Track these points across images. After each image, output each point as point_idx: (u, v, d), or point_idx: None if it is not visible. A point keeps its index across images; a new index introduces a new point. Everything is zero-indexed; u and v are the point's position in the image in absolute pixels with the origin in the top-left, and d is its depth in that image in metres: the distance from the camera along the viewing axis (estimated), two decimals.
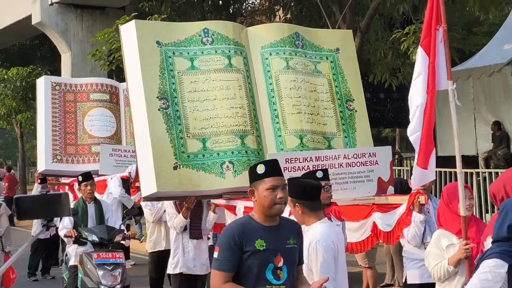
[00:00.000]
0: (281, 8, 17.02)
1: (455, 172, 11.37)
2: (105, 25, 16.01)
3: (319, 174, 4.98)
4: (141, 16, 12.50)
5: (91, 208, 7.30)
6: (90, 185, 7.33)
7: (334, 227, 4.30)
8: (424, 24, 4.56)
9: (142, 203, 7.35)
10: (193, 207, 6.27)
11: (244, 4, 19.56)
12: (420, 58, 4.51)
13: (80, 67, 18.17)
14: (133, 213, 7.61)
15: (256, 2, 19.88)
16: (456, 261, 4.00)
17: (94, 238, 6.82)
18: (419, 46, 4.52)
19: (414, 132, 4.58)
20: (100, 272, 6.56)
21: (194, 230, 6.36)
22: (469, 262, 3.94)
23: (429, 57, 4.43)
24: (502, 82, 14.02)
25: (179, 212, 6.25)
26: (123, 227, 7.37)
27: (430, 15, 4.47)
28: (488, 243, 3.42)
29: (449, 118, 15.46)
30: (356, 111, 6.54)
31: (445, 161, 13.56)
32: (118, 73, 14.05)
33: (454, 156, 13.87)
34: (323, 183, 4.90)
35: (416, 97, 4.53)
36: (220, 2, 17.82)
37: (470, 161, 13.61)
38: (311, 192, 3.97)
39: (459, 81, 14.89)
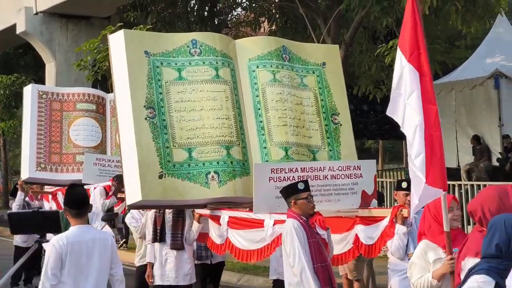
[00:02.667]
0: (266, 20, 17.14)
1: None
2: (90, 35, 16.01)
3: (301, 186, 5.04)
4: (126, 26, 12.53)
5: None
6: None
7: (87, 232, 4.34)
8: (407, 34, 4.28)
9: (127, 220, 7.38)
10: (173, 218, 6.33)
11: (229, 15, 19.68)
12: (410, 73, 4.20)
13: (64, 76, 18.10)
14: (111, 218, 7.58)
15: (241, 14, 20.00)
16: (440, 275, 3.99)
17: None
18: (407, 62, 4.22)
19: (418, 154, 4.19)
20: None
21: (174, 241, 6.39)
22: (453, 277, 3.95)
23: (419, 72, 4.17)
24: (484, 96, 14.23)
25: (156, 226, 6.35)
26: None
27: (413, 29, 4.25)
28: (466, 264, 3.47)
29: None
30: (341, 124, 6.64)
31: None
32: (103, 82, 14.05)
33: None
34: (306, 194, 5.00)
35: (413, 116, 4.19)
36: (206, 13, 17.91)
37: (452, 174, 13.74)
38: (73, 201, 4.33)
39: (441, 93, 15.08)
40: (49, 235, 4.44)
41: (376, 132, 20.71)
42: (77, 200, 4.36)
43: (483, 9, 12.77)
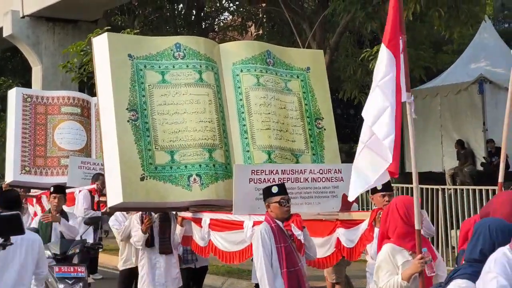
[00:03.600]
0: (253, 24, 17.21)
1: (425, 188, 11.48)
2: (77, 38, 15.96)
3: (274, 190, 5.02)
4: (113, 30, 12.52)
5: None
6: (57, 198, 7.21)
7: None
8: (388, 27, 4.21)
9: (110, 222, 7.35)
10: (160, 222, 6.33)
11: (217, 19, 19.73)
12: (387, 59, 4.13)
13: (51, 80, 18.03)
14: (93, 222, 7.56)
15: (228, 18, 20.06)
16: (410, 276, 3.97)
17: (49, 253, 6.78)
18: (386, 48, 4.14)
19: (388, 135, 4.07)
20: (61, 286, 6.53)
21: (163, 245, 6.38)
22: (422, 277, 3.98)
23: (396, 59, 4.11)
24: (468, 100, 14.34)
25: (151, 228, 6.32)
26: (88, 238, 7.36)
27: (395, 20, 4.18)
28: None
29: (418, 135, 15.61)
30: (324, 129, 6.68)
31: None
32: (89, 85, 14.03)
33: (423, 172, 13.91)
34: (279, 197, 4.98)
35: (383, 98, 4.10)
36: (193, 17, 17.94)
37: (437, 178, 13.85)
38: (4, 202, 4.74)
39: (427, 98, 15.20)
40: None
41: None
42: (8, 201, 4.80)
43: (466, 15, 12.90)
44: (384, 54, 4.17)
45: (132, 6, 17.09)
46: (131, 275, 7.27)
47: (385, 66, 4.14)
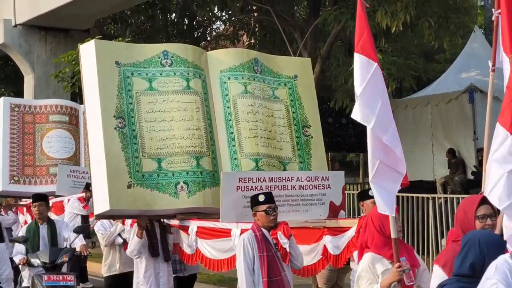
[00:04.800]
0: (245, 34, 17.26)
1: (416, 197, 11.49)
2: (69, 47, 15.97)
3: (261, 198, 5.01)
4: (105, 39, 12.54)
5: (43, 229, 7.18)
6: (38, 206, 7.16)
7: None
8: (362, 35, 4.20)
9: (95, 227, 7.32)
10: (160, 230, 6.24)
11: (209, 28, 19.78)
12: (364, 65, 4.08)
13: (43, 88, 18.02)
14: (82, 230, 7.54)
15: (220, 27, 20.12)
16: (388, 285, 3.97)
17: (38, 262, 6.76)
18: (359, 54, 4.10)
19: (397, 146, 3.98)
20: None
21: (166, 252, 6.28)
22: (401, 286, 3.95)
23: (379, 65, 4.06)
24: (459, 110, 14.39)
25: (152, 240, 6.20)
26: (78, 244, 7.31)
27: (363, 27, 4.17)
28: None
29: (409, 144, 15.64)
30: (312, 137, 6.68)
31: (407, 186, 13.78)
32: (81, 95, 14.00)
33: (414, 181, 13.93)
34: (265, 206, 4.97)
35: (389, 111, 4.06)
36: (185, 26, 17.97)
37: (428, 187, 13.86)
38: None
39: (418, 107, 15.26)
40: None
41: (355, 145, 20.82)
42: None
43: (455, 25, 12.99)
44: (367, 66, 4.09)
45: (125, 15, 17.10)
46: (115, 282, 7.23)
47: (377, 79, 4.08)
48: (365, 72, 4.09)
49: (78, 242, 7.19)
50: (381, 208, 4.08)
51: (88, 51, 6.12)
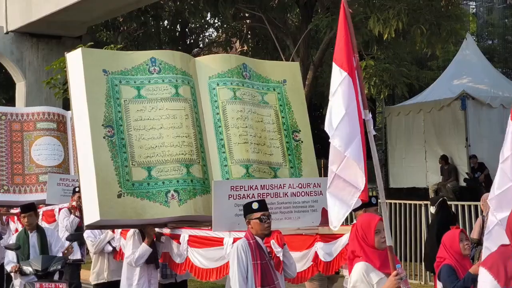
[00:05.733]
0: (237, 41, 17.23)
1: (404, 204, 11.50)
2: (61, 54, 15.77)
3: (255, 206, 4.97)
4: (97, 46, 12.53)
5: (32, 237, 7.18)
6: (27, 217, 7.16)
7: None
8: (340, 47, 4.09)
9: (85, 234, 7.25)
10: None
11: (201, 35, 19.74)
12: (346, 81, 4.00)
13: (35, 95, 17.97)
14: (76, 238, 7.48)
15: (213, 35, 20.09)
16: None
17: (30, 270, 6.73)
18: (339, 68, 4.02)
19: (360, 160, 3.88)
20: None
21: (157, 260, 6.16)
22: None
23: (352, 79, 3.98)
24: (451, 116, 14.42)
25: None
26: (76, 255, 7.31)
27: (346, 39, 4.03)
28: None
29: (402, 151, 15.62)
30: (302, 142, 6.61)
31: (397, 193, 13.78)
32: None
33: (406, 188, 13.95)
34: (259, 214, 4.93)
35: (353, 124, 3.94)
36: (177, 33, 17.92)
37: (420, 193, 13.86)
38: None
39: (410, 114, 15.28)
40: None
41: None
42: None
43: (447, 33, 13.02)
44: (338, 75, 4.05)
45: (117, 22, 17.04)
46: None
47: (345, 89, 4.00)
48: (336, 81, 4.06)
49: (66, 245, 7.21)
50: (330, 220, 4.09)
51: (75, 59, 6.05)
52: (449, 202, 11.45)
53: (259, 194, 5.48)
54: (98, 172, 5.68)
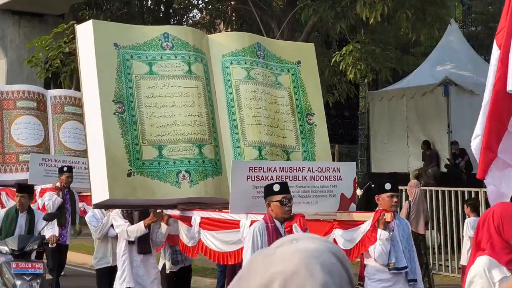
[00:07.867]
0: (222, 22, 16.95)
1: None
2: (44, 32, 15.55)
3: (276, 188, 4.84)
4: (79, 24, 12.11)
5: (21, 218, 7.07)
6: (21, 198, 7.07)
7: None
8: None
9: (87, 219, 7.01)
10: (139, 220, 5.99)
11: (185, 16, 19.37)
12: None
13: (16, 73, 17.53)
14: (52, 218, 7.26)
15: (197, 16, 19.74)
16: None
17: (6, 249, 6.57)
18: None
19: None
20: (18, 282, 6.33)
21: (142, 244, 6.02)
22: None
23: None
24: (434, 102, 14.47)
25: (131, 223, 5.96)
26: (45, 233, 7.13)
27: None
28: None
29: (384, 136, 15.64)
30: (315, 125, 6.46)
31: (378, 178, 13.80)
32: (55, 80, 13.55)
33: (387, 173, 13.91)
34: (280, 196, 4.80)
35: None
36: (161, 14, 17.54)
37: (401, 178, 13.89)
38: None
39: (393, 100, 15.28)
40: None
41: (330, 137, 20.70)
42: None
43: (432, 18, 13.02)
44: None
45: (100, 0, 16.57)
46: (106, 275, 6.97)
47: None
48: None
49: (49, 232, 6.99)
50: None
51: (85, 31, 5.77)
52: (429, 188, 11.54)
53: (277, 177, 5.33)
54: (108, 149, 5.45)
